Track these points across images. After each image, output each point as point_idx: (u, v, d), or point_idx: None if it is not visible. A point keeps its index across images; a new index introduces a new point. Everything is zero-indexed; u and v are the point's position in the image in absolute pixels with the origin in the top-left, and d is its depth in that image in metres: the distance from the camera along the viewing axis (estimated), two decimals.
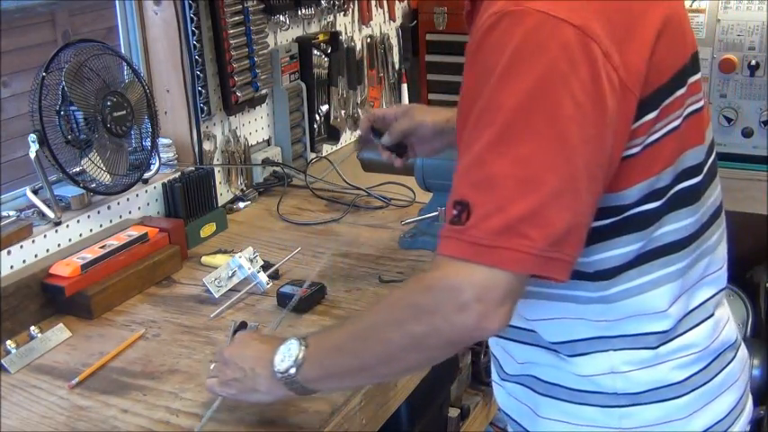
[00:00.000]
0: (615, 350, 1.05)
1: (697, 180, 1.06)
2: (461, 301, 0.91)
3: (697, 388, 1.08)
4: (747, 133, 2.30)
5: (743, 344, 1.19)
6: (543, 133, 0.89)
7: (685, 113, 1.03)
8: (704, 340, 1.09)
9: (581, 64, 0.89)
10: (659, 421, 1.07)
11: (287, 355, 1.07)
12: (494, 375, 1.24)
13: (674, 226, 1.03)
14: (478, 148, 0.91)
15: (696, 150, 1.05)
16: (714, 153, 1.13)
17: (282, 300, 1.53)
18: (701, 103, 1.07)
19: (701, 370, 1.08)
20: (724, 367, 1.12)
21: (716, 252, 1.12)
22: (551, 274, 0.91)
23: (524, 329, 1.11)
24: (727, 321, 1.15)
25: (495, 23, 0.91)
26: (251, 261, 1.61)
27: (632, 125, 0.96)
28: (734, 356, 1.14)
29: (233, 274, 1.58)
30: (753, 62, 2.27)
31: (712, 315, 1.11)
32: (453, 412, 1.95)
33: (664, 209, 1.02)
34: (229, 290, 1.58)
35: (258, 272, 1.59)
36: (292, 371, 1.05)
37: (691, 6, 2.35)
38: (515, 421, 1.18)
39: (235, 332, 1.37)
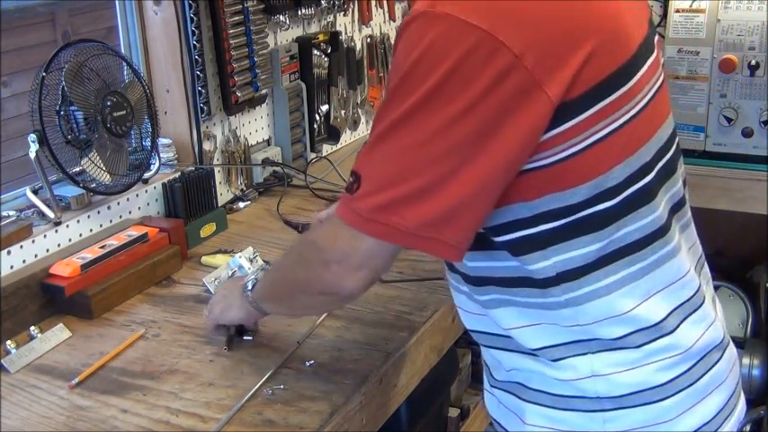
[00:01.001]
0: (593, 353, 1.06)
1: (648, 179, 1.05)
2: (325, 259, 1.06)
3: (683, 389, 1.07)
4: (747, 133, 2.30)
5: (731, 343, 1.18)
6: (438, 127, 0.94)
7: (636, 109, 1.02)
8: (687, 341, 1.08)
9: (485, 67, 0.92)
10: (645, 424, 1.06)
11: (251, 279, 1.33)
12: (485, 383, 1.24)
13: (635, 226, 1.04)
14: (381, 128, 0.98)
15: (646, 147, 1.05)
16: (672, 149, 1.12)
17: None
18: (652, 93, 1.06)
19: (686, 371, 1.08)
20: (710, 368, 1.11)
21: (685, 248, 1.12)
22: (431, 252, 1.00)
23: (503, 336, 1.12)
24: (713, 321, 1.13)
25: (408, 23, 0.97)
26: (251, 261, 1.61)
27: (558, 127, 0.96)
28: (720, 356, 1.13)
29: (233, 274, 1.59)
30: (753, 62, 2.27)
31: (693, 314, 1.10)
32: (453, 412, 1.95)
33: (620, 209, 1.02)
34: None
35: (258, 272, 1.59)
36: (249, 289, 1.31)
37: (691, 6, 2.36)
38: (504, 429, 1.18)
39: (230, 339, 1.39)
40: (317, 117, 2.36)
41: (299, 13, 2.27)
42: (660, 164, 1.08)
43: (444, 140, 0.94)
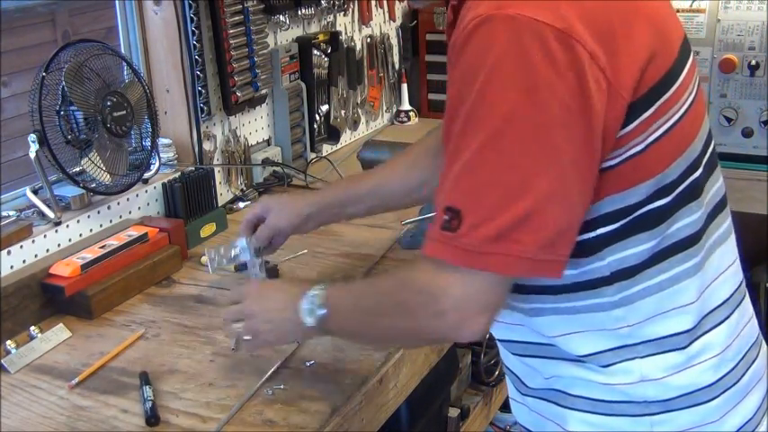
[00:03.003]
0: (642, 357, 1.04)
1: (698, 174, 1.05)
2: (439, 309, 0.96)
3: (728, 388, 1.07)
4: (747, 133, 2.30)
5: (763, 341, 1.18)
6: (531, 138, 0.90)
7: (684, 108, 1.02)
8: (725, 339, 1.08)
9: (566, 67, 0.89)
10: (693, 425, 1.06)
11: (309, 315, 1.14)
12: (512, 392, 1.22)
13: (685, 221, 1.03)
14: (468, 155, 0.92)
15: (695, 143, 1.05)
16: (713, 144, 1.13)
17: None
18: (695, 93, 1.07)
19: (731, 370, 1.08)
20: (750, 365, 1.11)
21: (726, 243, 1.12)
22: (545, 275, 0.94)
23: (545, 345, 1.10)
24: (750, 318, 1.14)
25: (476, 27, 0.91)
26: (257, 251, 1.57)
27: (627, 127, 0.95)
28: (758, 354, 1.14)
29: (235, 256, 1.52)
30: (753, 62, 2.27)
31: (732, 313, 1.10)
32: (453, 412, 1.95)
33: (674, 205, 1.02)
34: (222, 269, 1.56)
35: (261, 264, 1.56)
36: (312, 324, 1.14)
37: (691, 6, 2.36)
38: None
39: (238, 341, 1.33)
40: (317, 117, 2.36)
41: (299, 13, 2.27)
42: (705, 158, 1.08)
43: (541, 153, 0.90)
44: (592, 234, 1.00)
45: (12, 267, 1.53)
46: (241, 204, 2.05)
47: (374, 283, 1.21)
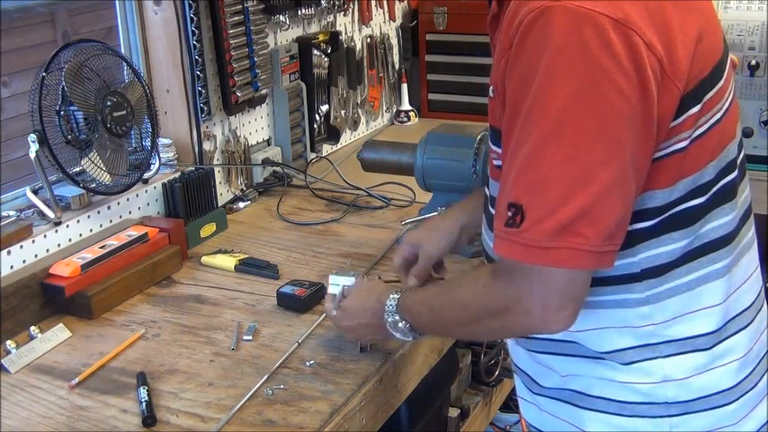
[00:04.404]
0: (663, 357, 1.04)
1: (734, 175, 1.06)
2: (526, 309, 0.97)
3: (745, 393, 1.07)
4: (747, 133, 2.30)
5: None
6: (591, 130, 0.89)
7: (725, 107, 1.02)
8: (748, 343, 1.08)
9: (624, 57, 0.88)
10: (710, 428, 1.06)
11: (392, 325, 1.22)
12: (521, 391, 1.22)
13: (718, 222, 1.03)
14: (528, 148, 0.92)
15: (732, 144, 1.05)
16: (743, 148, 1.13)
17: (282, 300, 1.53)
18: (732, 94, 1.07)
19: (748, 375, 1.08)
20: (766, 371, 1.11)
21: (753, 249, 1.12)
22: (604, 266, 0.94)
23: (565, 341, 1.09)
24: (767, 326, 1.14)
25: (534, 20, 0.91)
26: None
27: (677, 119, 0.95)
28: None
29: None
30: (753, 62, 2.27)
31: (755, 319, 1.10)
32: (453, 412, 1.95)
33: (708, 205, 1.02)
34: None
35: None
36: (402, 333, 1.22)
37: None
38: None
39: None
40: (317, 117, 2.36)
41: (299, 13, 2.27)
42: (739, 161, 1.08)
43: (602, 144, 0.90)
44: (628, 229, 0.98)
45: (12, 267, 1.53)
46: (241, 204, 2.05)
47: (452, 294, 1.15)
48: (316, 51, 2.30)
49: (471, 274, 1.07)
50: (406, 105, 2.81)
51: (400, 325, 1.20)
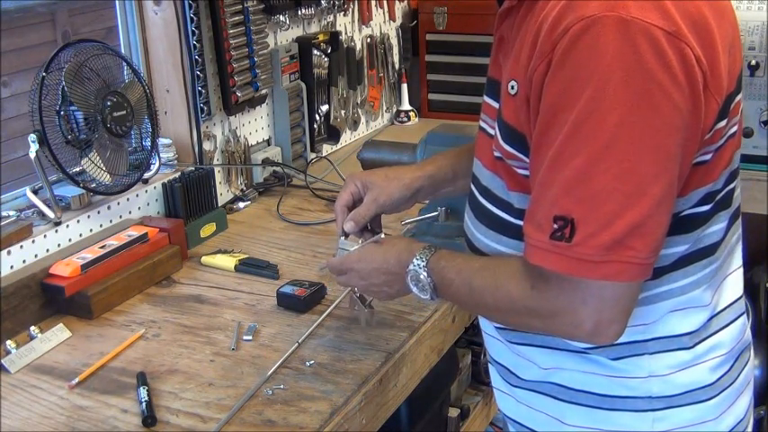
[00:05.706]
0: (650, 354, 1.05)
1: (735, 183, 1.07)
2: (576, 320, 0.95)
3: (725, 388, 1.08)
4: (747, 133, 2.30)
5: (752, 344, 1.20)
6: (646, 144, 0.89)
7: (738, 117, 1.03)
8: (732, 341, 1.09)
9: (678, 70, 0.88)
10: (692, 423, 1.07)
11: (414, 276, 1.14)
12: (498, 382, 1.22)
13: (715, 228, 1.04)
14: (581, 162, 0.90)
15: (738, 153, 1.07)
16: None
17: (282, 300, 1.53)
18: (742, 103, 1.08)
19: (728, 370, 1.09)
20: (744, 367, 1.12)
21: (738, 248, 1.13)
22: (646, 277, 0.94)
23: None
24: (744, 321, 1.15)
25: (586, 28, 0.89)
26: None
27: (708, 133, 0.95)
28: (749, 356, 1.15)
29: None
30: (753, 62, 2.27)
31: (741, 316, 1.12)
32: (453, 412, 1.95)
33: (712, 212, 1.03)
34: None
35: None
36: (421, 289, 1.15)
37: None
38: (528, 428, 1.16)
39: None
40: (317, 117, 2.36)
41: (299, 13, 2.27)
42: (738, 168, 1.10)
43: (656, 158, 0.89)
44: None
45: (12, 267, 1.53)
46: (241, 204, 2.05)
47: (497, 282, 1.07)
48: (316, 51, 2.30)
49: (517, 266, 1.02)
50: (406, 105, 2.81)
51: (423, 277, 1.12)
